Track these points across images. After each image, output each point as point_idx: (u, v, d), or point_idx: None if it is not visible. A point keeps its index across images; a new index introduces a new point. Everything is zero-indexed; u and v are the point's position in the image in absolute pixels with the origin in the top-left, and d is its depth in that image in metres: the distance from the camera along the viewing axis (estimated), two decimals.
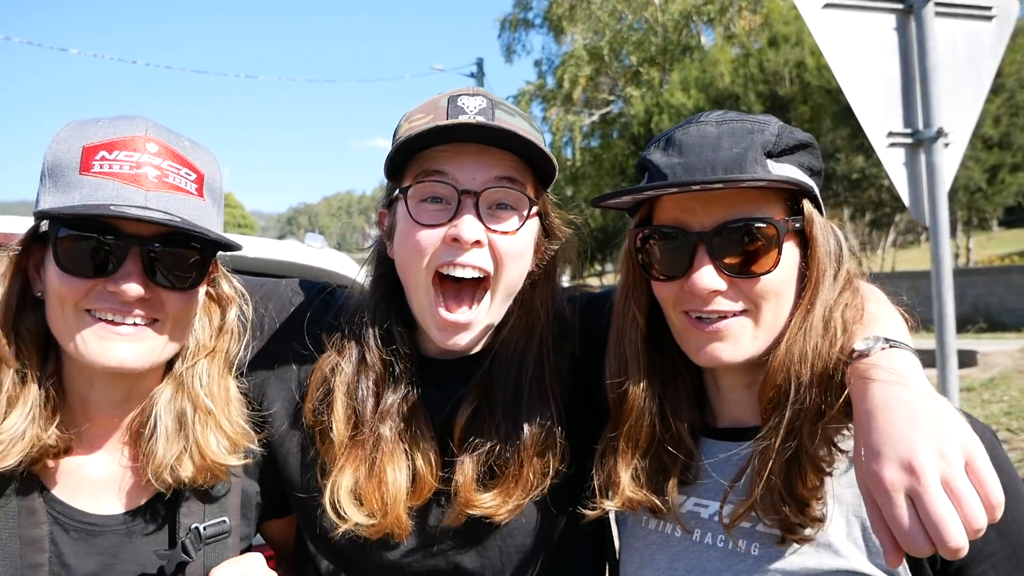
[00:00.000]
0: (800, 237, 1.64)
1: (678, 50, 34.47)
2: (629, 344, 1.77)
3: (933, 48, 4.62)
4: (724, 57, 29.94)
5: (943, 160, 4.62)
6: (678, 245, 1.63)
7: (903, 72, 4.70)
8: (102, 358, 1.59)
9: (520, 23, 40.99)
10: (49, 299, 1.62)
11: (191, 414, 1.74)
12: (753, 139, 1.59)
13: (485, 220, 1.75)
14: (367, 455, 1.81)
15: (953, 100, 4.70)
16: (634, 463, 1.75)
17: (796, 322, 1.60)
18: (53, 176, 1.59)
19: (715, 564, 1.67)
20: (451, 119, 1.72)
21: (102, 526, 1.70)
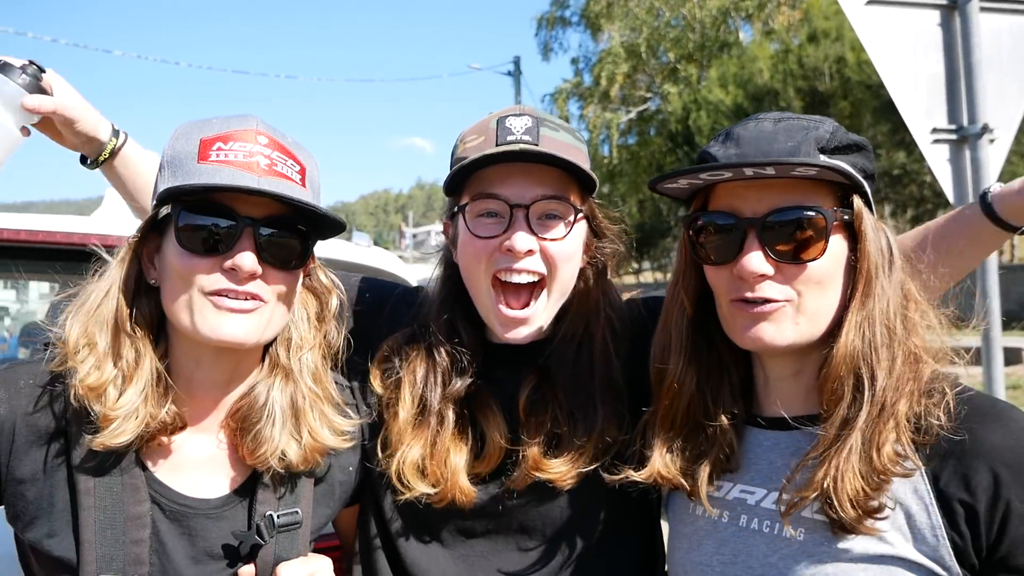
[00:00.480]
0: (849, 232, 1.69)
1: (716, 46, 34.19)
2: (675, 327, 1.85)
3: (978, 43, 4.60)
4: (763, 53, 29.66)
5: (988, 156, 4.59)
6: (730, 231, 1.69)
7: (947, 68, 4.68)
8: (217, 332, 1.70)
9: (557, 21, 40.92)
10: (167, 280, 1.74)
11: (301, 402, 1.87)
12: (807, 135, 1.66)
13: (536, 230, 1.95)
14: (431, 434, 1.98)
15: (998, 95, 4.67)
16: (669, 442, 1.83)
17: (853, 314, 1.64)
18: (172, 167, 1.73)
19: (761, 549, 1.71)
20: (500, 142, 1.93)
21: (195, 508, 1.78)
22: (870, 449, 1.57)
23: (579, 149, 2.01)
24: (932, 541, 1.55)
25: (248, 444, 1.82)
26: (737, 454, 1.81)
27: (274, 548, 1.81)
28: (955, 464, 1.55)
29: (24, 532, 1.71)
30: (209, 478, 1.84)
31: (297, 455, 1.83)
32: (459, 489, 1.94)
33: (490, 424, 1.99)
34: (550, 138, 1.95)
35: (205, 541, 1.78)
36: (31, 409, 1.72)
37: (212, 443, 1.87)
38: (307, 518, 1.90)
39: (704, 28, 34.34)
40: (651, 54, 35.49)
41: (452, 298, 2.11)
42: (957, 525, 1.54)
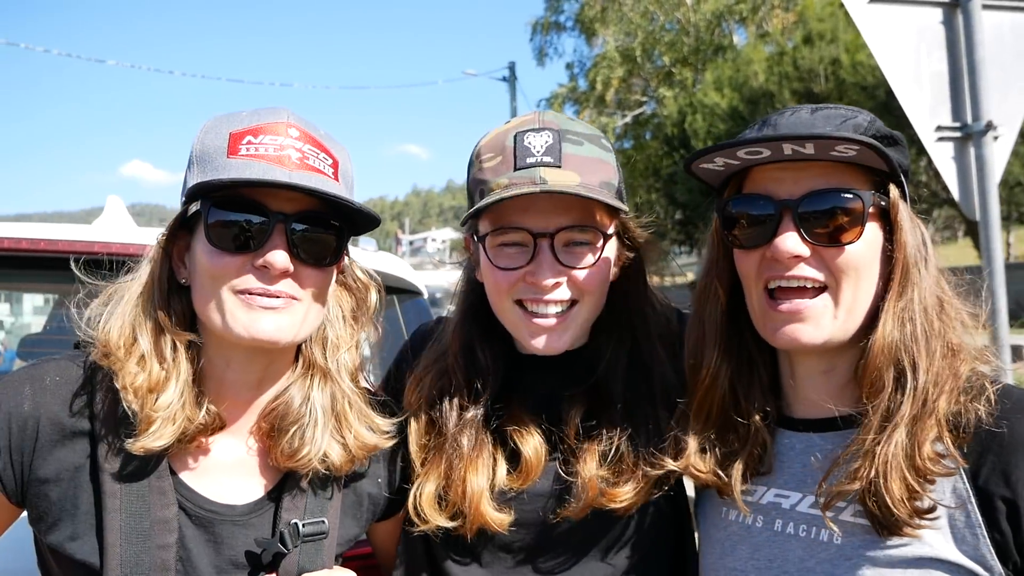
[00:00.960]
0: (884, 222, 1.66)
1: (711, 50, 34.27)
2: (708, 317, 1.81)
3: (981, 41, 4.59)
4: (758, 56, 29.72)
5: (993, 153, 4.58)
6: (765, 212, 1.66)
7: (951, 66, 4.67)
8: (251, 330, 1.65)
9: (552, 26, 41.00)
10: (198, 279, 1.70)
11: (341, 402, 1.83)
12: (847, 122, 1.64)
13: (562, 258, 1.85)
14: (447, 463, 1.92)
15: (1002, 92, 4.66)
16: (703, 436, 1.79)
17: (891, 303, 1.61)
18: (201, 162, 1.69)
19: (797, 553, 1.68)
20: (519, 164, 1.81)
21: (221, 515, 1.74)
22: (912, 446, 1.53)
23: (605, 162, 1.90)
24: (972, 540, 1.52)
25: (284, 447, 1.77)
26: (770, 455, 1.77)
27: (297, 558, 1.77)
28: (994, 459, 1.52)
29: (46, 535, 1.67)
30: (237, 483, 1.80)
31: (340, 456, 1.80)
32: (484, 517, 1.87)
33: (524, 438, 1.91)
34: (573, 155, 1.84)
35: (231, 549, 1.74)
36: (57, 407, 1.68)
37: (241, 447, 1.82)
38: (333, 529, 1.85)
39: (699, 31, 34.42)
40: (646, 58, 35.56)
41: (471, 316, 2.03)
42: (998, 522, 1.51)
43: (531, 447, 1.91)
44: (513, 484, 1.91)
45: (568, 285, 1.87)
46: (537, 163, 1.81)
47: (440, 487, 1.90)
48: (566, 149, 1.83)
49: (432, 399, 1.97)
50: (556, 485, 1.92)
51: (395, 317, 3.89)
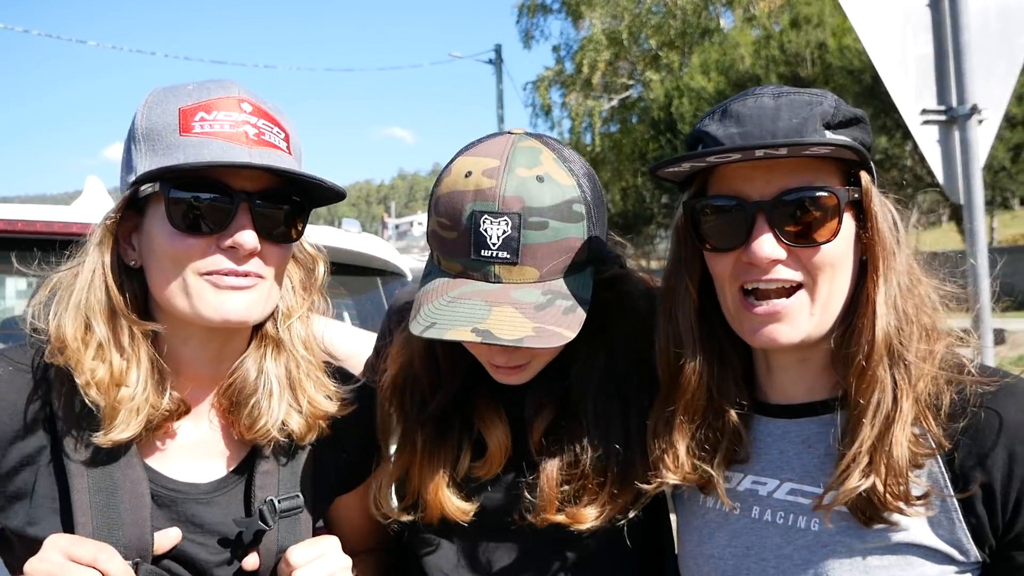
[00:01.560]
0: (855, 210, 1.63)
1: (697, 33, 34.16)
2: (683, 317, 1.76)
3: (966, 24, 4.58)
4: (744, 39, 29.68)
5: (977, 137, 4.59)
6: (736, 215, 1.61)
7: (936, 49, 4.67)
8: (220, 311, 1.63)
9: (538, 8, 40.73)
10: (156, 262, 1.66)
11: (296, 371, 1.82)
12: (812, 110, 1.58)
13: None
14: (408, 454, 1.90)
15: (986, 76, 4.66)
16: (690, 439, 1.75)
17: (881, 292, 1.57)
18: (150, 140, 1.63)
19: (774, 540, 1.67)
20: (474, 255, 1.67)
21: (185, 493, 1.72)
22: (904, 435, 1.52)
23: (570, 239, 1.71)
24: (948, 525, 1.52)
25: (244, 420, 1.76)
26: (746, 444, 1.75)
27: (276, 535, 1.76)
28: (969, 443, 1.51)
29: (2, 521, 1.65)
30: (199, 463, 1.78)
31: (300, 424, 1.79)
32: (444, 505, 1.84)
33: (488, 429, 1.89)
34: (532, 246, 1.67)
35: (197, 528, 1.73)
36: (14, 398, 1.65)
37: (202, 427, 1.81)
38: (308, 502, 1.84)
39: (685, 15, 34.28)
40: (633, 41, 35.41)
41: None
42: (974, 507, 1.51)
43: (495, 439, 1.88)
44: (478, 473, 1.88)
45: (524, 355, 1.80)
46: (492, 258, 1.67)
47: (400, 478, 1.90)
48: (526, 238, 1.66)
49: (398, 384, 1.94)
50: (515, 493, 1.88)
51: (378, 298, 3.88)
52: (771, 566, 1.67)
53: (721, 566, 1.75)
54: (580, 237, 1.73)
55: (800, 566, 1.62)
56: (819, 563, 1.60)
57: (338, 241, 3.75)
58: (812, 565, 1.61)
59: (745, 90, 1.69)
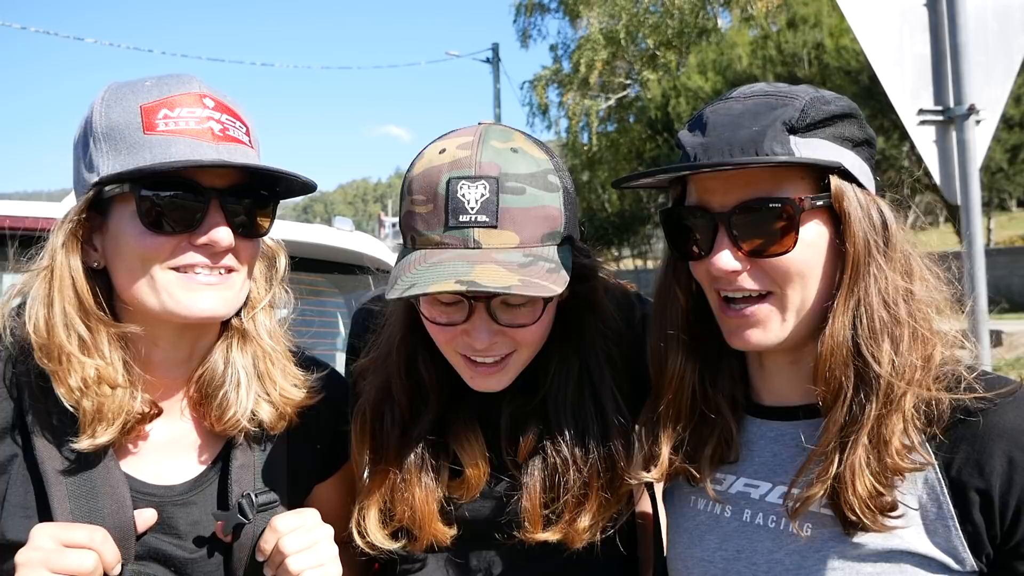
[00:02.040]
0: (831, 213, 1.57)
1: (695, 33, 34.17)
2: (670, 318, 1.75)
3: (964, 24, 4.57)
4: (742, 39, 29.72)
5: (975, 137, 4.57)
6: (701, 225, 1.61)
7: (933, 49, 4.65)
8: (193, 309, 1.63)
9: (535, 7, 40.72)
10: (124, 262, 1.64)
11: (262, 360, 1.81)
12: (775, 115, 1.54)
13: (499, 317, 1.72)
14: (392, 483, 1.85)
15: (984, 77, 4.65)
16: (675, 437, 1.74)
17: (840, 302, 1.54)
18: (111, 139, 1.61)
19: (766, 545, 1.65)
20: (450, 223, 1.64)
21: (160, 496, 1.70)
22: (878, 445, 1.48)
23: (549, 207, 1.70)
24: (944, 532, 1.49)
25: (214, 411, 1.75)
26: (736, 444, 1.73)
27: (253, 530, 1.73)
28: (968, 449, 1.48)
29: None
30: (172, 463, 1.76)
31: (270, 414, 1.79)
32: (436, 534, 1.83)
33: (465, 454, 1.85)
34: (511, 210, 1.65)
35: (174, 530, 1.71)
36: None
37: (173, 425, 1.79)
38: (283, 495, 1.82)
39: (683, 14, 34.28)
40: (630, 41, 35.40)
41: (413, 330, 1.88)
42: (970, 514, 1.47)
43: (472, 463, 1.84)
44: (456, 493, 1.86)
45: (505, 342, 1.76)
46: (471, 222, 1.64)
47: (385, 507, 1.85)
48: (504, 202, 1.65)
49: (375, 414, 1.89)
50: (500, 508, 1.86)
51: None
52: (762, 570, 1.64)
53: (711, 569, 1.73)
54: (558, 208, 1.72)
55: (791, 571, 1.60)
56: (810, 568, 1.57)
57: (330, 239, 3.72)
58: (803, 570, 1.58)
59: (729, 91, 1.68)
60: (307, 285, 3.85)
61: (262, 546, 1.69)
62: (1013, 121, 25.62)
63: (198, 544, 1.72)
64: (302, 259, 3.63)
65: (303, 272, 3.73)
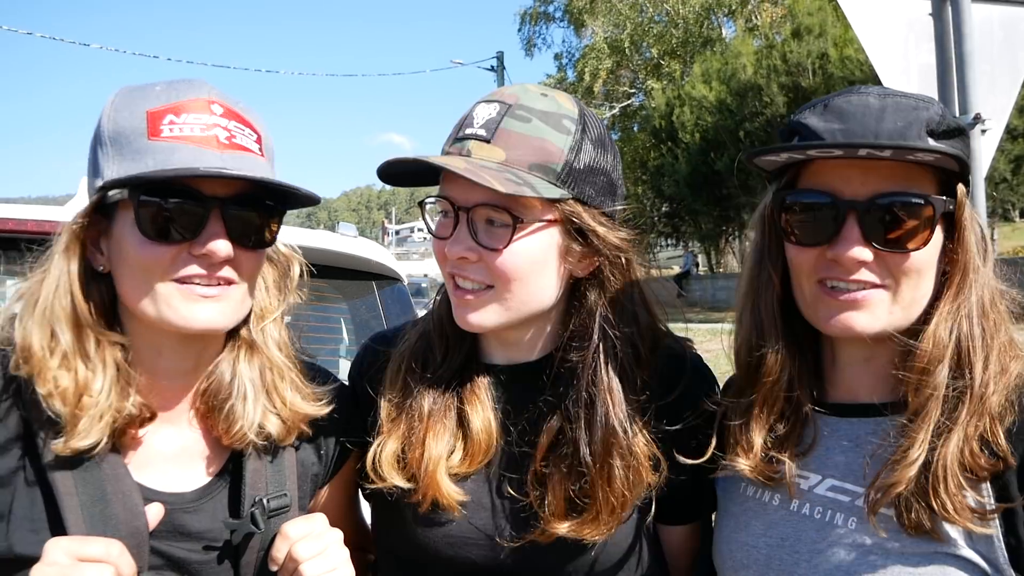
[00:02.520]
0: (947, 220, 1.61)
1: (699, 42, 34.30)
2: (765, 307, 1.75)
3: (969, 34, 4.55)
4: (746, 49, 29.77)
5: (980, 147, 4.54)
6: (827, 212, 1.58)
7: (939, 58, 4.63)
8: (190, 321, 1.59)
9: (540, 16, 40.98)
10: (125, 268, 1.61)
11: (270, 373, 1.78)
12: (918, 115, 1.56)
13: (479, 236, 1.74)
14: (411, 424, 1.86)
15: (989, 86, 4.63)
16: (767, 428, 1.73)
17: (945, 306, 1.58)
18: (117, 144, 1.58)
19: (810, 535, 1.66)
20: (458, 135, 1.78)
21: (170, 504, 1.67)
22: (966, 447, 1.50)
23: (550, 143, 1.74)
24: (987, 543, 1.50)
25: (221, 424, 1.72)
26: (815, 437, 1.73)
27: (263, 536, 1.72)
28: (1019, 465, 1.49)
29: None
30: (181, 471, 1.73)
31: (278, 427, 1.75)
32: (439, 486, 1.80)
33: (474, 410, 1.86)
34: (509, 131, 1.72)
35: (187, 539, 1.69)
36: None
37: (181, 434, 1.76)
38: (294, 500, 1.81)
39: (687, 24, 34.43)
40: (634, 50, 35.58)
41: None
42: (1015, 528, 1.48)
43: (480, 423, 1.85)
44: (462, 468, 1.84)
45: (481, 265, 1.76)
46: (470, 135, 1.75)
47: (401, 447, 1.85)
48: (506, 124, 1.73)
49: (410, 358, 1.93)
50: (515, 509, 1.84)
51: (374, 302, 3.85)
52: (804, 559, 1.65)
53: (754, 554, 1.74)
54: (560, 148, 1.74)
55: (832, 562, 1.61)
56: (852, 562, 1.58)
57: (334, 245, 3.71)
58: (845, 563, 1.59)
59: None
60: (311, 291, 3.85)
61: (274, 554, 1.67)
62: (1017, 132, 25.62)
63: (210, 550, 1.70)
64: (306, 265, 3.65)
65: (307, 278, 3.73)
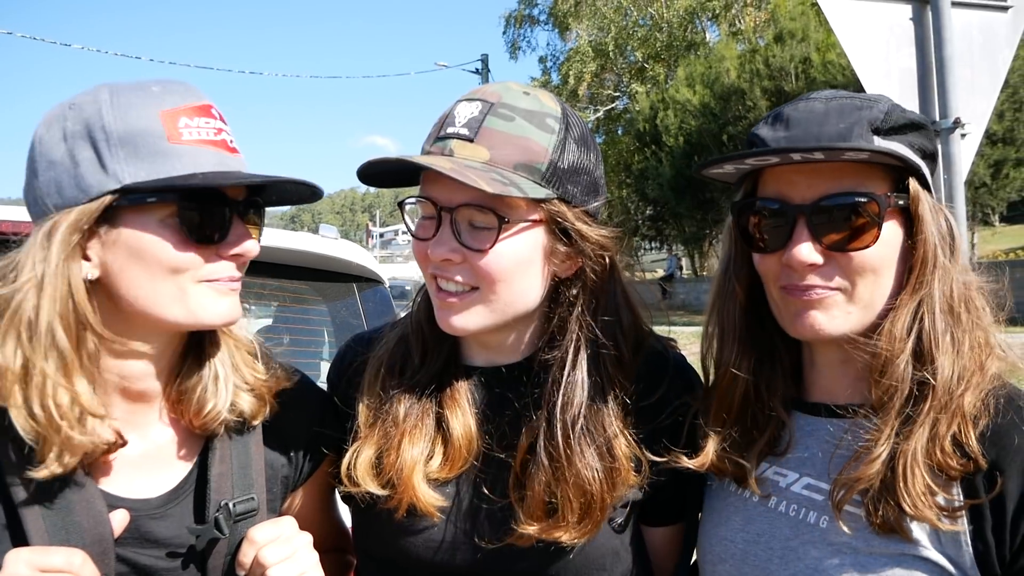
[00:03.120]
0: (905, 217, 1.60)
1: (683, 46, 34.45)
2: (727, 315, 1.78)
3: (949, 38, 4.59)
4: (730, 53, 29.93)
5: (960, 150, 4.58)
6: (779, 218, 1.61)
7: (919, 62, 4.66)
8: (224, 316, 1.65)
9: (525, 19, 41.03)
10: (144, 272, 1.58)
11: (236, 350, 1.81)
12: (861, 115, 1.57)
13: (463, 237, 1.72)
14: (387, 429, 1.83)
15: (969, 90, 4.66)
16: (723, 431, 1.76)
17: (904, 301, 1.57)
18: (129, 144, 1.55)
19: (784, 532, 1.67)
20: (439, 134, 1.75)
21: (137, 510, 1.65)
22: (933, 444, 1.49)
23: (534, 142, 1.71)
24: (955, 546, 1.49)
25: (192, 409, 1.72)
26: (790, 437, 1.74)
27: (229, 540, 1.70)
28: (990, 468, 1.48)
29: None
30: (147, 476, 1.71)
31: (250, 403, 1.77)
32: (415, 491, 1.76)
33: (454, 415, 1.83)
34: (492, 130, 1.70)
35: (152, 543, 1.66)
36: None
37: (148, 435, 1.74)
38: (263, 504, 1.79)
39: (671, 28, 34.57)
40: (619, 53, 35.69)
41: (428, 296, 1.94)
42: (983, 532, 1.47)
43: (461, 428, 1.82)
44: (441, 473, 1.81)
45: (466, 267, 1.73)
46: (452, 134, 1.72)
47: (377, 454, 1.83)
48: (489, 122, 1.71)
49: (387, 363, 1.91)
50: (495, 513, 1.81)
51: (355, 304, 3.83)
52: (776, 556, 1.66)
53: (731, 549, 1.76)
54: (544, 147, 1.73)
55: (803, 561, 1.62)
56: (820, 560, 1.59)
57: (315, 247, 3.69)
58: (814, 561, 1.60)
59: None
60: (291, 293, 3.83)
61: (241, 559, 1.65)
62: (996, 136, 25.87)
63: (176, 557, 1.68)
64: (287, 266, 3.63)
65: (288, 280, 3.71)
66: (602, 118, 37.33)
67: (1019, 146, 27.08)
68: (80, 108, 1.58)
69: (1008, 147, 26.95)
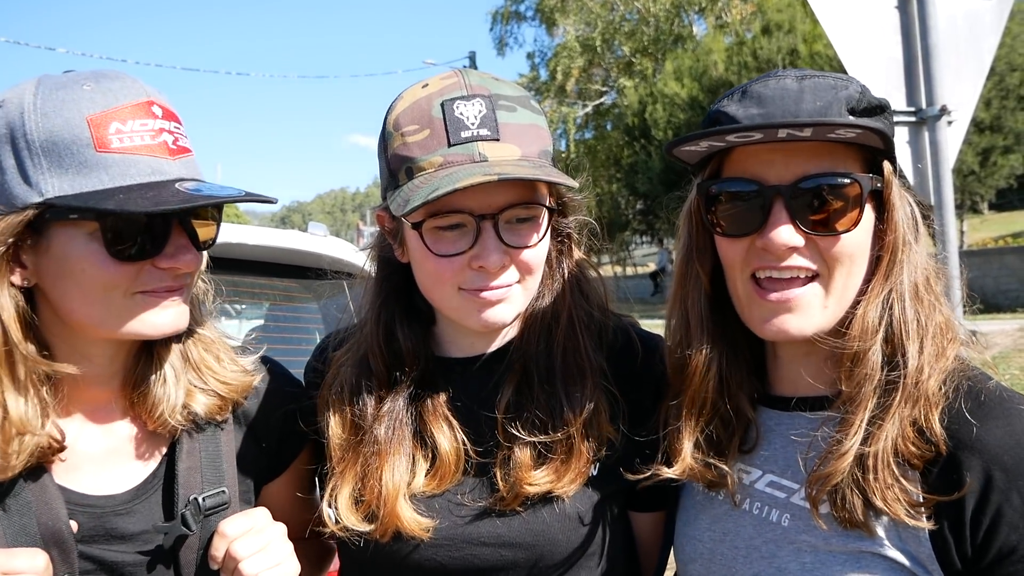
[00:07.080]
0: (875, 201, 1.57)
1: (670, 40, 34.45)
2: (692, 306, 1.71)
3: (935, 26, 4.60)
4: (717, 46, 29.96)
5: (947, 138, 4.59)
6: (753, 199, 1.54)
7: (905, 50, 4.67)
8: (161, 328, 1.59)
9: (512, 16, 40.96)
10: (76, 288, 1.53)
11: (194, 349, 1.75)
12: (837, 94, 1.52)
13: (506, 238, 1.68)
14: (365, 459, 1.78)
15: (955, 78, 4.68)
16: (697, 431, 1.70)
17: (875, 288, 1.53)
18: (53, 154, 1.46)
19: (747, 531, 1.65)
20: (453, 140, 1.63)
21: (103, 507, 1.64)
22: (901, 435, 1.45)
23: (540, 127, 1.73)
24: (915, 542, 1.45)
25: (147, 410, 1.69)
26: (756, 434, 1.70)
27: (200, 535, 1.67)
28: (948, 460, 1.43)
29: None
30: (112, 472, 1.69)
31: (205, 404, 1.72)
32: (400, 518, 1.71)
33: (440, 431, 1.77)
34: (509, 125, 1.66)
35: (119, 539, 1.64)
36: None
37: (112, 433, 1.71)
38: (235, 496, 1.77)
39: (658, 22, 34.56)
40: (606, 48, 35.65)
41: (393, 299, 1.88)
42: (942, 527, 1.42)
43: (448, 444, 1.77)
44: (429, 487, 1.76)
45: (512, 266, 1.72)
46: (473, 137, 1.63)
47: (357, 487, 1.76)
48: (501, 118, 1.66)
49: (352, 389, 1.84)
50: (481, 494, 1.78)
51: (344, 302, 3.81)
52: (741, 555, 1.64)
53: (699, 548, 1.74)
54: (546, 129, 1.76)
55: (766, 559, 1.60)
56: (781, 558, 1.57)
57: (304, 245, 3.68)
58: (775, 559, 1.58)
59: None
60: (280, 291, 3.81)
61: (213, 553, 1.63)
62: (983, 124, 25.98)
63: (145, 553, 1.66)
64: (276, 264, 3.61)
65: (277, 278, 3.69)
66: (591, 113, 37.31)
67: (1007, 134, 27.19)
68: (6, 109, 1.50)
69: (996, 135, 27.06)
